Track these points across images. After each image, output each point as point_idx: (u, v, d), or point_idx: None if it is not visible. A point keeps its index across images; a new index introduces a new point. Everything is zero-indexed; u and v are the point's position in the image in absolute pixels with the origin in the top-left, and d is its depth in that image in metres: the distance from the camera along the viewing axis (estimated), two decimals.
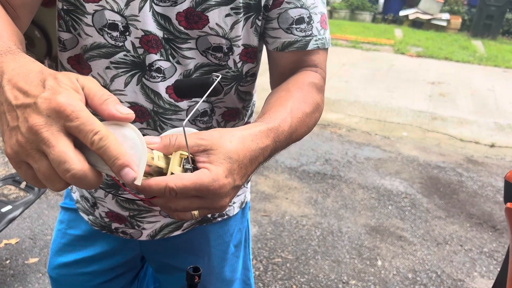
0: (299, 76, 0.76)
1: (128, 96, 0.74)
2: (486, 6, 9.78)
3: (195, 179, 0.49)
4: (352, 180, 3.31)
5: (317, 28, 0.76)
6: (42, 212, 2.64)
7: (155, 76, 0.72)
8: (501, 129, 4.64)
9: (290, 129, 0.65)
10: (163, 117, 0.75)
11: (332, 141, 4.02)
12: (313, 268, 2.35)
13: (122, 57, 0.71)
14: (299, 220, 2.76)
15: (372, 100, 5.28)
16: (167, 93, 0.74)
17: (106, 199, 0.87)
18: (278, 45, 0.76)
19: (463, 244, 2.65)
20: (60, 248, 0.98)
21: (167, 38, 0.71)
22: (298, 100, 0.70)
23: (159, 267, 1.00)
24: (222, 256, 0.97)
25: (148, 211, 0.87)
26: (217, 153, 0.52)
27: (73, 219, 0.97)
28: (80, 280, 0.98)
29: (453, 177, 3.49)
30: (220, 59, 0.74)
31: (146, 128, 0.76)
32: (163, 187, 0.48)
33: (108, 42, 0.70)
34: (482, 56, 8.20)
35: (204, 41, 0.71)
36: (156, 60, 0.71)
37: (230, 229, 0.98)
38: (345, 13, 11.65)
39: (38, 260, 2.25)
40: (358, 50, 8.20)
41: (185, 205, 0.51)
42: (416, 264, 2.43)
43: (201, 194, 0.50)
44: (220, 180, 0.50)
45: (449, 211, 2.99)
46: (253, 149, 0.56)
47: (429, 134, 4.39)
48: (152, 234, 0.91)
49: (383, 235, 2.67)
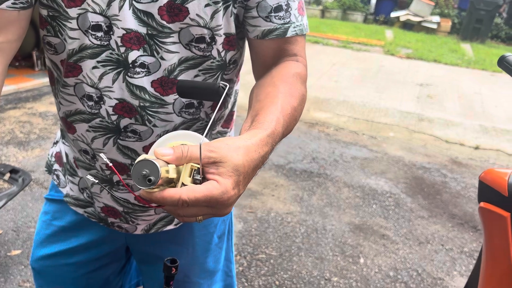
0: (282, 68, 0.78)
1: (116, 92, 0.75)
2: (475, 10, 9.90)
3: (206, 192, 0.53)
4: (338, 179, 3.34)
5: (295, 15, 0.78)
6: (26, 205, 2.63)
7: (140, 72, 0.74)
8: (486, 131, 4.71)
9: (283, 128, 0.68)
10: (150, 110, 0.77)
11: (319, 140, 4.05)
12: (296, 265, 2.37)
13: (108, 55, 0.73)
14: (284, 217, 2.78)
15: (361, 100, 5.33)
16: (152, 87, 0.75)
17: (101, 194, 0.89)
18: (258, 33, 0.78)
19: (444, 243, 2.69)
20: (44, 239, 0.98)
21: (150, 34, 0.72)
22: (285, 95, 0.72)
23: (143, 257, 1.01)
24: (206, 246, 0.99)
25: (144, 211, 0.89)
26: (226, 166, 0.55)
27: (58, 210, 0.98)
28: (63, 271, 0.98)
29: (437, 177, 3.54)
30: (204, 50, 0.75)
31: (135, 123, 0.77)
32: (176, 199, 0.52)
33: (93, 43, 0.72)
34: (470, 59, 8.31)
35: (187, 33, 0.73)
36: (139, 56, 0.73)
37: (214, 220, 0.99)
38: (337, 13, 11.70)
39: (21, 253, 2.24)
40: (348, 50, 8.25)
41: (194, 212, 0.55)
42: (398, 263, 2.47)
43: (211, 205, 0.54)
44: (229, 192, 0.54)
45: (432, 211, 3.04)
46: (256, 158, 0.60)
47: (416, 135, 4.44)
48: (146, 229, 0.93)
49: (367, 234, 2.70)
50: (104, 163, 0.83)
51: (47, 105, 4.22)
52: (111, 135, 0.79)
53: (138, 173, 0.52)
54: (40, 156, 3.19)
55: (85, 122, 0.80)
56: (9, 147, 3.25)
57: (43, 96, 4.43)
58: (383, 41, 9.12)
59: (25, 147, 3.29)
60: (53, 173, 1.01)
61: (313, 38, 8.78)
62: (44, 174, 2.95)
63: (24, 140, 3.40)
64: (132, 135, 0.79)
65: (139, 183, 0.52)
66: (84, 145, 0.83)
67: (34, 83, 4.65)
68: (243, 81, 1.17)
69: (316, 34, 9.15)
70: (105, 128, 0.79)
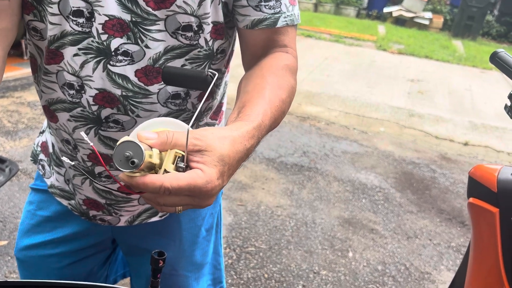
0: (272, 60, 0.76)
1: (96, 82, 0.73)
2: (467, 7, 9.95)
3: (190, 180, 0.50)
4: (328, 173, 3.35)
5: (285, 5, 0.76)
6: (13, 195, 2.59)
7: (122, 60, 0.72)
8: (475, 128, 4.75)
9: (270, 121, 0.67)
10: (133, 100, 0.75)
11: (310, 134, 4.05)
12: (285, 258, 2.38)
13: (90, 43, 0.71)
14: (274, 210, 2.79)
15: (352, 95, 5.34)
16: (136, 77, 0.73)
17: (83, 187, 0.87)
18: (248, 22, 0.76)
19: (432, 238, 2.72)
20: (29, 229, 0.97)
21: (135, 21, 0.70)
22: (274, 86, 0.71)
23: (130, 249, 1.00)
24: (193, 239, 0.98)
25: (127, 201, 0.87)
26: (211, 154, 0.53)
27: (43, 200, 0.96)
28: (47, 262, 0.97)
29: (427, 173, 3.56)
30: (191, 38, 0.73)
31: (117, 114, 0.75)
32: (158, 186, 0.49)
33: (74, 29, 0.70)
34: (461, 56, 8.36)
35: (173, 21, 0.71)
36: (122, 44, 0.71)
37: (202, 213, 0.98)
38: (330, 7, 11.68)
39: (7, 243, 2.21)
40: (341, 45, 8.25)
41: (175, 202, 0.52)
42: (386, 257, 2.49)
43: (193, 194, 0.52)
44: (213, 182, 0.52)
45: (421, 206, 3.06)
46: (241, 150, 0.58)
47: (406, 130, 4.46)
48: (130, 220, 0.92)
49: (356, 228, 2.72)
50: (85, 154, 0.81)
51: (35, 95, 4.16)
52: (92, 125, 0.77)
53: (120, 154, 0.49)
54: (28, 146, 3.15)
55: (66, 112, 0.78)
56: None
57: (31, 85, 4.37)
58: (375, 36, 9.13)
59: (12, 137, 3.24)
60: (39, 163, 0.99)
61: (305, 32, 8.76)
62: (31, 164, 2.91)
63: (12, 130, 3.35)
64: (114, 125, 0.77)
65: (121, 165, 0.49)
66: (66, 135, 0.82)
67: (22, 72, 4.58)
68: (235, 73, 1.15)
69: (309, 28, 9.13)
70: (86, 118, 0.77)
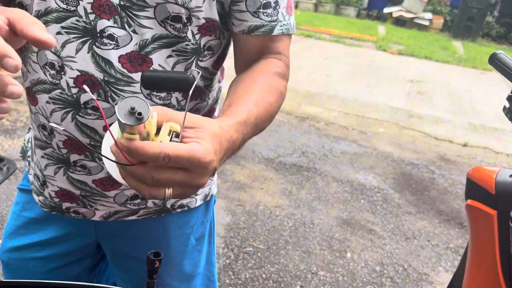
0: (263, 65, 0.77)
1: (79, 63, 0.71)
2: (467, 8, 9.95)
3: (189, 150, 0.50)
4: (327, 173, 3.35)
5: (282, 14, 0.76)
6: (11, 194, 2.59)
7: (107, 43, 0.70)
8: (474, 129, 4.75)
9: (256, 120, 0.66)
10: (114, 87, 0.73)
11: (310, 134, 4.04)
12: (283, 258, 2.37)
13: (74, 22, 0.69)
14: (272, 210, 2.78)
15: (352, 95, 5.33)
16: (119, 62, 0.72)
17: (56, 177, 0.84)
18: (245, 28, 0.76)
19: (430, 239, 2.71)
20: (14, 231, 0.95)
21: (123, 5, 0.69)
22: (263, 89, 0.71)
23: (115, 255, 0.97)
24: (181, 248, 0.95)
25: (102, 196, 0.85)
26: (204, 131, 0.53)
27: (28, 201, 0.94)
28: (32, 265, 0.94)
29: (426, 174, 3.56)
30: (179, 30, 0.72)
31: (97, 99, 0.73)
32: (158, 151, 0.48)
33: (59, 6, 0.69)
34: (461, 57, 8.36)
35: (163, 10, 0.70)
36: (108, 27, 0.69)
37: (191, 221, 0.95)
38: (330, 7, 11.68)
39: None
40: (340, 45, 8.25)
41: (169, 176, 0.50)
42: (384, 257, 2.48)
43: (191, 166, 0.50)
44: (210, 155, 0.52)
45: (420, 207, 3.06)
46: (227, 139, 0.57)
47: (405, 131, 4.46)
48: (106, 216, 0.89)
49: (354, 228, 2.71)
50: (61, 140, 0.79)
51: None
52: (70, 109, 0.75)
53: (124, 109, 0.47)
54: None
55: (46, 93, 0.76)
56: None
57: None
58: (375, 37, 9.12)
59: (11, 135, 3.24)
60: (26, 159, 0.97)
61: (305, 32, 8.75)
62: None
63: (10, 128, 3.35)
64: (92, 112, 0.75)
65: (125, 119, 0.47)
66: (43, 119, 0.79)
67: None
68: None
69: (309, 28, 9.13)
70: (64, 101, 0.74)
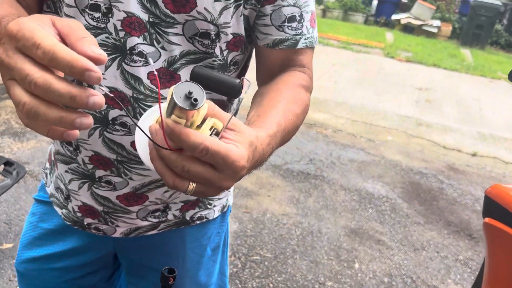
0: (288, 77, 0.76)
1: (108, 80, 0.71)
2: (476, 15, 9.90)
3: (227, 149, 0.49)
4: (335, 181, 3.33)
5: (306, 27, 0.76)
6: (20, 197, 2.59)
7: (137, 60, 0.70)
8: (483, 138, 4.71)
9: (283, 133, 0.66)
10: (143, 103, 0.73)
11: (317, 141, 4.03)
12: (290, 268, 2.35)
13: (103, 39, 0.69)
14: (279, 218, 2.77)
15: (360, 102, 5.31)
16: (148, 79, 0.72)
17: (80, 192, 0.84)
18: (269, 41, 0.76)
19: (439, 250, 2.68)
20: (30, 242, 0.95)
21: (152, 22, 0.69)
22: (289, 101, 0.70)
23: (131, 266, 0.97)
24: (197, 259, 0.95)
25: (125, 212, 0.85)
26: (244, 137, 0.53)
27: (46, 212, 0.94)
28: (48, 276, 0.94)
29: (434, 183, 3.53)
30: (207, 46, 0.72)
31: (125, 116, 0.73)
32: (199, 142, 0.47)
33: (89, 24, 0.69)
34: (469, 65, 8.32)
35: (191, 26, 0.70)
36: (138, 44, 0.69)
37: (208, 232, 0.96)
38: (338, 13, 11.67)
39: (13, 246, 2.20)
40: (348, 51, 8.23)
41: (199, 170, 0.50)
42: (393, 269, 2.46)
43: (223, 166, 0.50)
44: (243, 160, 0.51)
45: (428, 217, 3.03)
46: (260, 152, 0.57)
47: (414, 139, 4.43)
48: (126, 233, 0.89)
49: (362, 238, 2.69)
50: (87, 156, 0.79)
51: None
52: (98, 125, 0.75)
53: (182, 91, 0.47)
54: (35, 148, 3.15)
55: None
56: (4, 138, 3.21)
57: None
58: (383, 43, 9.10)
59: (20, 138, 3.25)
60: (44, 171, 0.98)
61: None
62: (38, 166, 2.91)
63: (19, 131, 3.36)
64: (120, 128, 0.74)
65: (180, 101, 0.47)
66: None
67: None
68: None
69: None
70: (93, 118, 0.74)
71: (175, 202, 0.87)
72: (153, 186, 0.82)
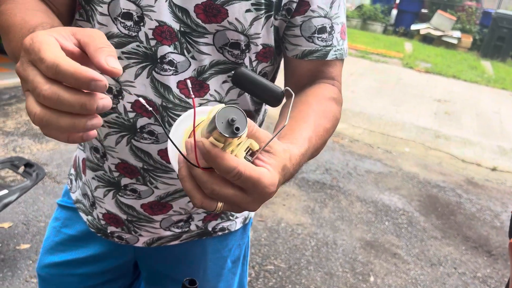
0: (317, 89, 0.76)
1: (137, 88, 0.72)
2: (498, 27, 9.76)
3: (260, 175, 0.48)
4: (351, 192, 3.29)
5: (337, 39, 0.76)
6: (38, 198, 2.62)
7: (167, 69, 0.70)
8: (504, 153, 4.62)
9: (313, 149, 0.65)
10: (172, 112, 0.73)
11: (334, 151, 4.00)
12: (305, 279, 2.33)
13: (134, 47, 0.70)
14: (294, 228, 2.74)
15: (377, 113, 5.26)
16: (178, 88, 0.72)
17: (105, 199, 0.85)
18: (298, 52, 0.75)
19: (457, 267, 2.63)
20: (52, 247, 0.95)
21: (183, 31, 0.69)
22: (319, 115, 0.70)
23: (151, 275, 0.97)
24: (218, 271, 0.95)
25: (149, 221, 0.85)
26: (278, 160, 0.52)
27: (69, 218, 0.95)
28: (69, 281, 0.95)
29: (452, 197, 3.47)
30: (237, 56, 0.72)
31: (153, 124, 0.74)
32: (233, 166, 0.47)
33: (120, 32, 0.69)
34: (490, 77, 8.18)
35: (222, 36, 0.70)
36: (169, 53, 0.70)
37: (229, 244, 0.95)
38: (356, 22, 11.63)
39: (30, 247, 2.23)
40: (366, 61, 8.18)
41: (228, 194, 0.49)
42: (409, 284, 2.41)
43: (253, 190, 0.49)
44: (274, 186, 0.50)
45: (446, 232, 2.98)
46: (291, 172, 0.57)
47: (432, 152, 4.37)
48: (149, 242, 0.89)
49: (378, 251, 2.65)
50: (114, 164, 0.79)
51: None
52: (126, 133, 0.75)
53: (224, 117, 0.46)
54: (54, 149, 3.19)
55: (101, 116, 0.76)
56: (24, 139, 3.26)
57: None
58: (402, 54, 9.03)
59: (39, 140, 3.29)
60: (68, 176, 0.98)
61: None
62: (57, 168, 2.95)
63: (39, 133, 3.41)
64: (148, 137, 0.75)
65: (221, 127, 0.46)
66: (96, 142, 0.80)
67: None
68: None
69: None
70: (120, 125, 0.75)
71: (198, 212, 0.87)
72: (178, 195, 0.82)
